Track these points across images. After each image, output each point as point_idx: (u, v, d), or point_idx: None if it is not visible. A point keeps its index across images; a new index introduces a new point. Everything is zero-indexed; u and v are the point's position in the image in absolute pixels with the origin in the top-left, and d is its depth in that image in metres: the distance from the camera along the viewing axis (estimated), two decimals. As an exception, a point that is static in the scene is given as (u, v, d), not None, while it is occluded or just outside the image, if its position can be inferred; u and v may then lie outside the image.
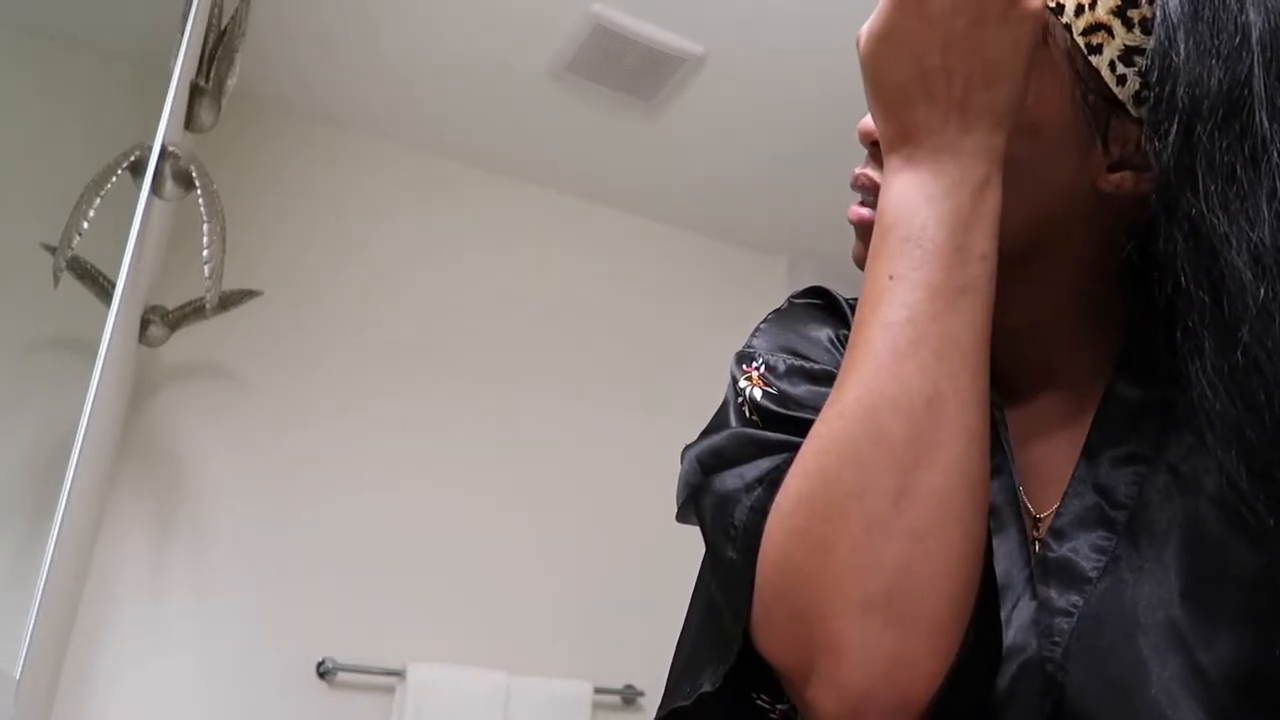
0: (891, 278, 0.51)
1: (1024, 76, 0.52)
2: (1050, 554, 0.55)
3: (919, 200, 0.51)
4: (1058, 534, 0.55)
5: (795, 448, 0.53)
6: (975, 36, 0.51)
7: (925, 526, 0.47)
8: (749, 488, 0.55)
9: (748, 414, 0.60)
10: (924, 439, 0.48)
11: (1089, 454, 0.56)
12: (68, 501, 1.10)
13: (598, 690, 2.29)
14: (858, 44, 0.55)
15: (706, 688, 0.54)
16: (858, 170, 0.62)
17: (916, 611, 0.46)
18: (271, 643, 2.09)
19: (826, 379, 0.60)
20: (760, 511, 0.52)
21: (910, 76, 0.52)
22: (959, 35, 0.51)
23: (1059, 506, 0.56)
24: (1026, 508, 0.59)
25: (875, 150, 0.61)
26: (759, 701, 0.56)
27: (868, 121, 0.61)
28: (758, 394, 0.60)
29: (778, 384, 0.61)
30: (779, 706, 0.55)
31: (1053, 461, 0.59)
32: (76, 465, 1.11)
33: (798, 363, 0.62)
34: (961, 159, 0.51)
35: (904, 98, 0.53)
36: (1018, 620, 0.54)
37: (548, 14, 2.11)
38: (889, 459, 0.48)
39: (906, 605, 0.46)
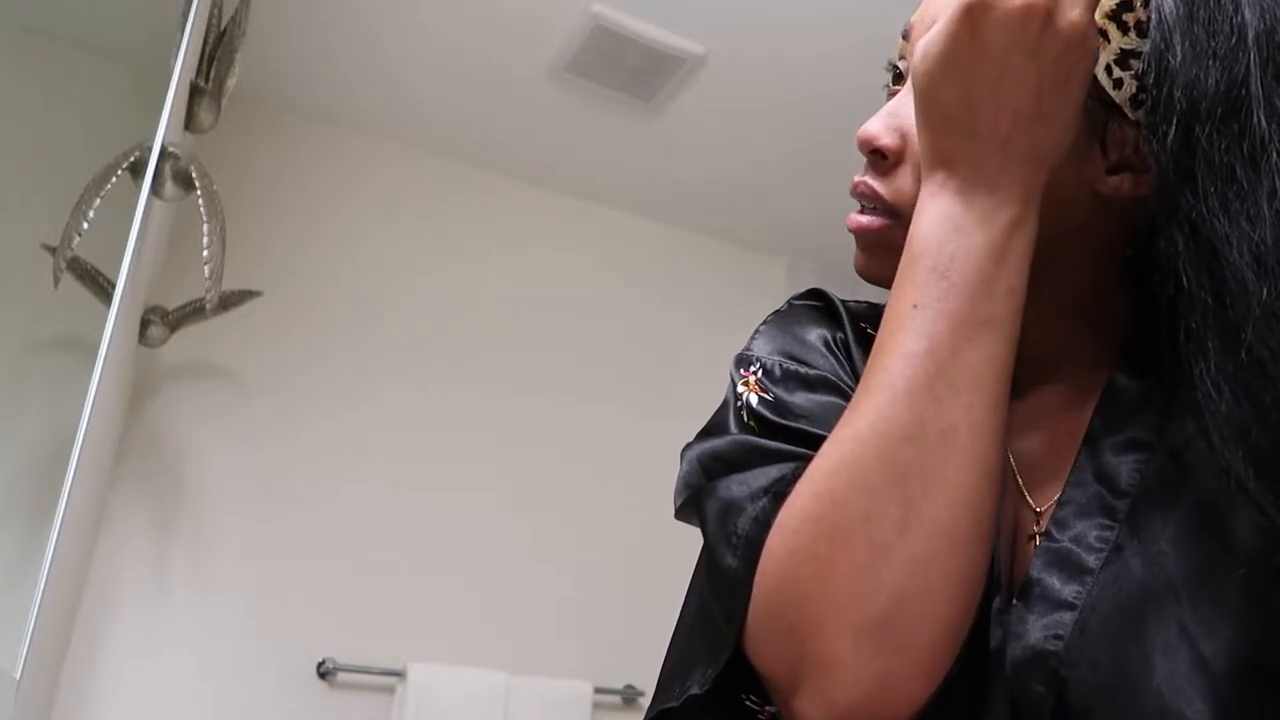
0: (915, 306, 0.51)
1: (1072, 116, 0.52)
2: (1052, 544, 0.54)
3: (949, 230, 0.51)
4: (1060, 524, 0.55)
5: (797, 458, 0.54)
6: (1028, 74, 0.50)
7: (927, 556, 0.47)
8: (754, 497, 0.54)
9: (745, 419, 0.60)
10: (934, 471, 0.48)
11: (1090, 441, 0.56)
12: (68, 501, 1.10)
13: (598, 690, 2.29)
14: (912, 37, 0.54)
15: (695, 690, 0.54)
16: (857, 179, 0.62)
17: (910, 639, 0.47)
18: (271, 643, 2.09)
19: (822, 384, 0.61)
20: (764, 523, 0.52)
21: (958, 104, 0.51)
22: (1012, 71, 0.50)
23: (1060, 496, 0.56)
24: (1027, 500, 0.59)
25: (874, 158, 0.61)
26: (748, 703, 0.56)
27: (867, 129, 0.61)
28: (754, 400, 0.60)
29: (774, 390, 0.61)
30: (767, 709, 0.55)
31: (1052, 453, 0.59)
32: (76, 465, 1.11)
33: (794, 367, 0.62)
34: (997, 194, 0.51)
35: (949, 124, 0.52)
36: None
37: (547, 14, 2.11)
38: (898, 488, 0.48)
39: (900, 632, 0.47)
